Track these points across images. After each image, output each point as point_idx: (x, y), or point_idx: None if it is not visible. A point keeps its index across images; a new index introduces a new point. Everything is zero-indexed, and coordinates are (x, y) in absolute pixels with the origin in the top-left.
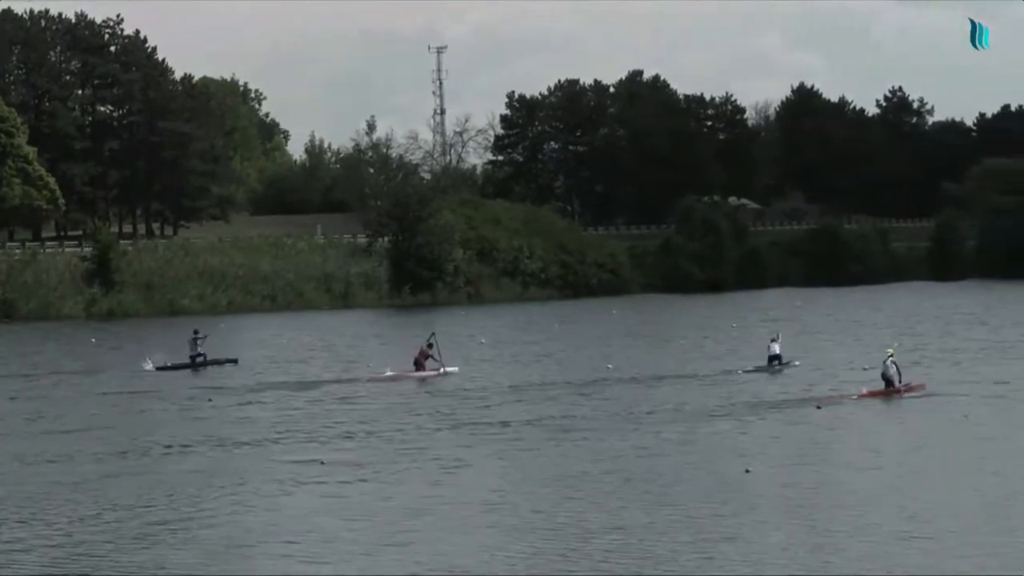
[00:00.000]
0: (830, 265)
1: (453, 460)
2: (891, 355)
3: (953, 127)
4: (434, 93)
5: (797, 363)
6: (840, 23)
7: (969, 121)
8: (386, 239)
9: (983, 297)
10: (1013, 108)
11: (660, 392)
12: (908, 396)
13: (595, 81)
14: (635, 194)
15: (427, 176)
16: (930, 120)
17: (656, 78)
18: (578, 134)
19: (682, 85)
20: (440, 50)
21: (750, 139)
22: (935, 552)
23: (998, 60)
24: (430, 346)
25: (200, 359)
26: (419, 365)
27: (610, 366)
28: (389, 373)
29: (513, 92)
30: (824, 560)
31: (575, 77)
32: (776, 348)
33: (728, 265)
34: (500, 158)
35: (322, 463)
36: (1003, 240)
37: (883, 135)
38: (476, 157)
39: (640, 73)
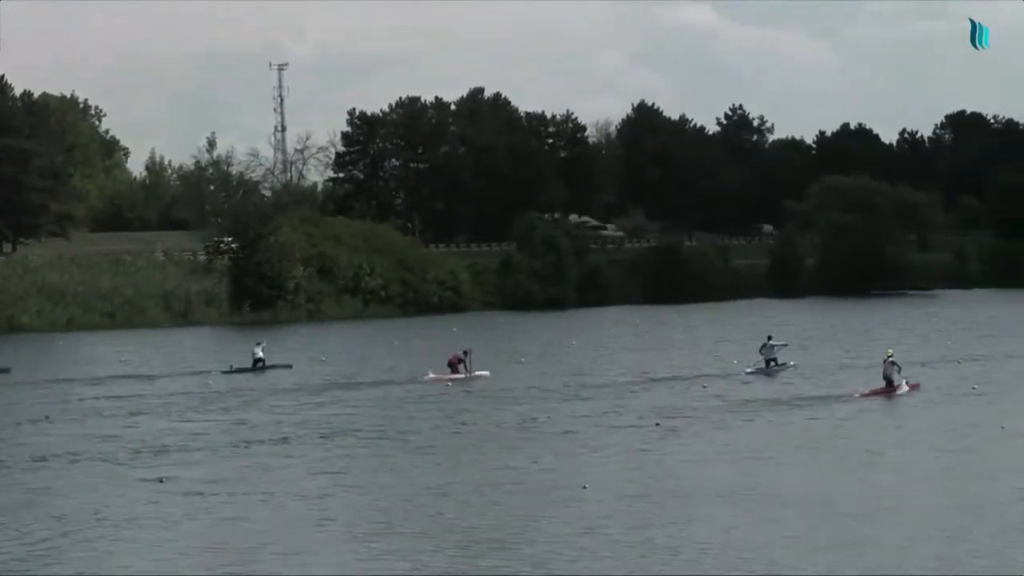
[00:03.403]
0: (670, 283)
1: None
2: (890, 355)
3: (793, 145)
4: (275, 110)
5: (792, 363)
6: (681, 42)
7: (809, 139)
8: (226, 256)
9: (822, 313)
10: (852, 126)
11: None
12: (899, 395)
13: (436, 98)
14: (476, 211)
15: (268, 193)
16: (770, 138)
17: (497, 95)
18: (419, 151)
19: (523, 103)
20: (281, 68)
21: (591, 157)
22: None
23: (839, 78)
24: (465, 353)
25: (260, 364)
26: (453, 368)
27: (449, 383)
28: (431, 376)
29: (354, 109)
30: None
31: (416, 95)
32: (775, 351)
33: (569, 283)
34: (341, 175)
35: (161, 481)
36: (843, 257)
37: (724, 153)
38: (317, 174)
39: (481, 91)
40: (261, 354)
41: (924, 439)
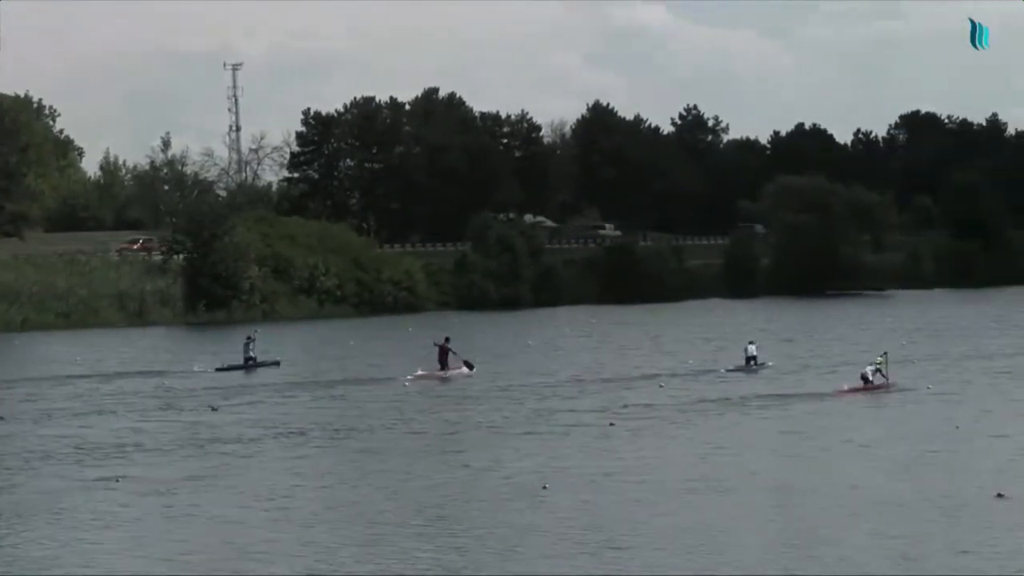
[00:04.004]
0: (625, 283)
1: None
2: (880, 361)
3: (748, 145)
4: (229, 110)
5: (771, 363)
6: (635, 42)
7: (763, 139)
8: (181, 256)
9: (778, 313)
10: (807, 126)
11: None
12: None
13: (391, 98)
14: (431, 211)
15: (222, 193)
16: (725, 138)
17: (452, 95)
18: (374, 151)
19: (478, 102)
20: (235, 67)
21: (546, 157)
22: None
23: (794, 79)
24: (447, 340)
25: (251, 361)
26: (443, 364)
27: (406, 383)
28: (420, 373)
29: (308, 109)
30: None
31: (371, 94)
32: (753, 350)
33: (523, 283)
34: (296, 175)
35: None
36: (797, 258)
37: (678, 153)
38: (272, 174)
39: (436, 90)
40: (251, 352)
41: (879, 439)
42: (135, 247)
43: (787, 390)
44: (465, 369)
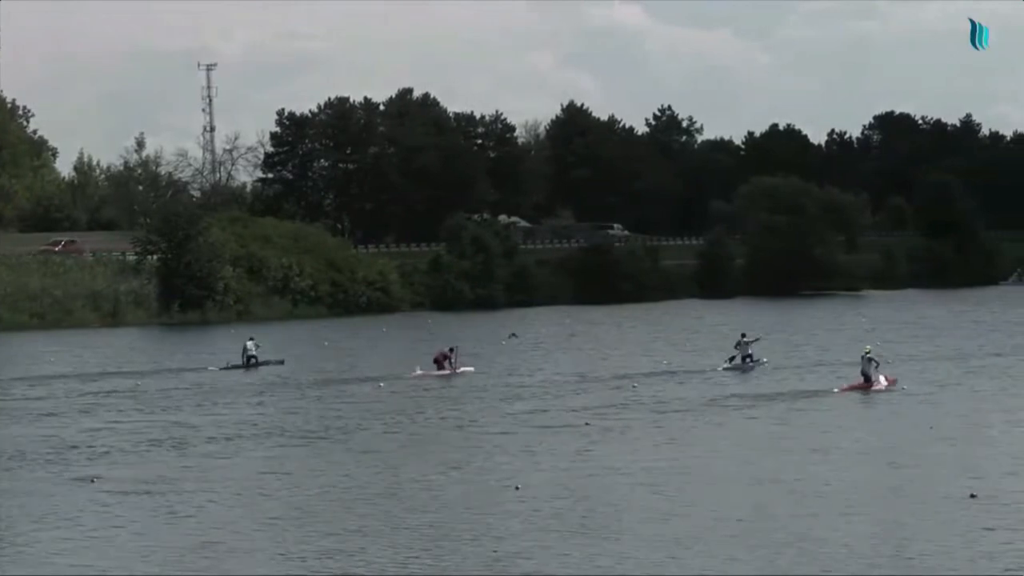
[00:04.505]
0: (600, 283)
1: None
2: (868, 351)
3: (722, 145)
4: (204, 111)
5: (765, 360)
6: (610, 42)
7: (738, 140)
8: (155, 257)
9: (753, 314)
10: (781, 127)
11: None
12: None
13: (365, 99)
14: (405, 212)
15: (196, 194)
16: (699, 139)
17: (426, 96)
18: (348, 152)
19: (452, 103)
20: (210, 68)
21: (520, 157)
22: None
23: (768, 79)
24: (451, 350)
25: (254, 360)
26: (439, 365)
27: (381, 384)
28: (418, 372)
29: (283, 110)
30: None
31: (345, 95)
32: (749, 348)
33: (498, 283)
34: (270, 176)
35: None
36: (771, 258)
37: (652, 153)
38: (246, 175)
39: (410, 91)
40: (253, 351)
41: (853, 438)
42: (57, 249)
43: (764, 390)
44: (468, 368)
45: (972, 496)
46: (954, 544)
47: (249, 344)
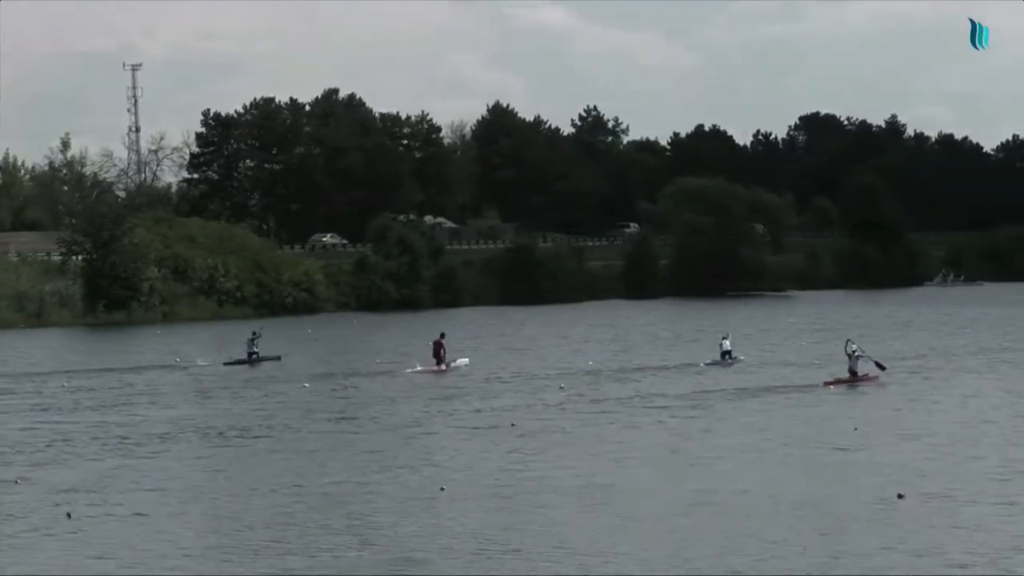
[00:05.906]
0: (525, 284)
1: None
2: (855, 350)
3: (647, 146)
4: (129, 111)
5: (743, 358)
6: (536, 43)
7: (663, 140)
8: (80, 257)
9: (675, 314)
10: (707, 128)
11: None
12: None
13: (291, 99)
14: (331, 212)
15: (122, 194)
16: (625, 139)
17: (352, 96)
18: (274, 152)
19: (378, 103)
20: (135, 68)
21: (446, 158)
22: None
23: (694, 80)
24: (442, 336)
25: (255, 356)
26: (438, 358)
27: (305, 385)
28: (419, 368)
29: (208, 110)
30: None
31: (271, 95)
32: (727, 344)
33: (423, 284)
34: (195, 176)
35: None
36: (697, 258)
37: (578, 153)
38: (171, 175)
39: (336, 92)
40: (255, 347)
41: (781, 439)
42: None
43: (701, 387)
44: (463, 360)
45: (900, 496)
46: (883, 544)
47: (252, 340)
